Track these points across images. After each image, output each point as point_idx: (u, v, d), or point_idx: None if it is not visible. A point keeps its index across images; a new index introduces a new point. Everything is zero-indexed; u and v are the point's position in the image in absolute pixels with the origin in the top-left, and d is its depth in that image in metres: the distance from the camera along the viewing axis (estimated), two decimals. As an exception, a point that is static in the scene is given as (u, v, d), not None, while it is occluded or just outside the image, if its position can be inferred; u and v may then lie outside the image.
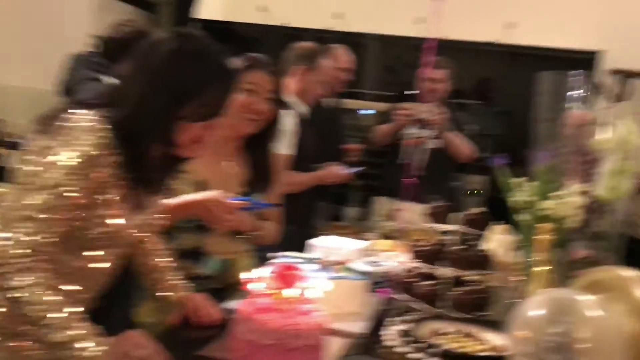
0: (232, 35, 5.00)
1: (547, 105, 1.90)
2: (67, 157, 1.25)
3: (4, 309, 1.34)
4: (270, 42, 4.86)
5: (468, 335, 1.59)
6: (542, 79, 1.85)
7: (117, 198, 1.36)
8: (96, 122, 1.30)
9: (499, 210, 1.83)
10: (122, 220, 1.39)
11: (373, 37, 4.83)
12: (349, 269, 1.82)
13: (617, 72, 4.12)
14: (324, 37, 4.43)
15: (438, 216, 1.89)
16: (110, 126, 1.30)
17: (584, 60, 4.20)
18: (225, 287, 1.86)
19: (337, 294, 1.66)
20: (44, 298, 1.21)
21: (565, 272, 1.66)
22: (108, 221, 1.36)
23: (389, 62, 4.97)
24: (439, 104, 3.48)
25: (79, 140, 1.27)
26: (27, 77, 3.39)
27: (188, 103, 1.33)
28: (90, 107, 1.34)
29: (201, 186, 1.83)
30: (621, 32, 4.17)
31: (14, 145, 2.97)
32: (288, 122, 2.74)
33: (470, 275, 1.72)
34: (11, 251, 1.21)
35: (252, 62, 1.95)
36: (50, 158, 1.25)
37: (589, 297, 1.38)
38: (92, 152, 1.27)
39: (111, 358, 1.24)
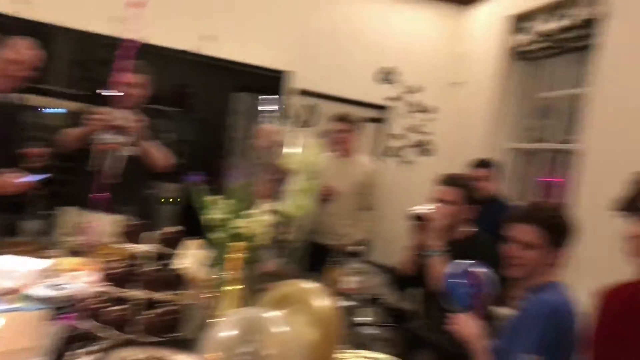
0: None
1: (241, 123, 1.97)
2: None
3: None
4: None
5: (159, 359, 1.54)
6: (237, 99, 1.90)
7: None
8: None
9: (193, 221, 1.81)
10: None
11: (63, 30, 4.42)
12: (24, 297, 1.60)
13: (305, 93, 4.51)
14: (5, 24, 3.90)
15: (131, 235, 1.79)
16: None
17: (275, 78, 4.51)
18: None
19: (9, 329, 1.45)
20: None
21: (255, 287, 1.72)
22: None
23: (80, 57, 4.61)
24: (136, 110, 3.35)
25: None
26: None
27: None
28: None
29: None
30: (309, 54, 4.59)
31: None
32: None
33: (163, 296, 1.66)
34: None
35: None
36: None
37: (275, 314, 1.46)
38: None
39: None
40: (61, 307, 1.81)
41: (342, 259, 2.45)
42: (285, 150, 1.97)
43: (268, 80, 4.48)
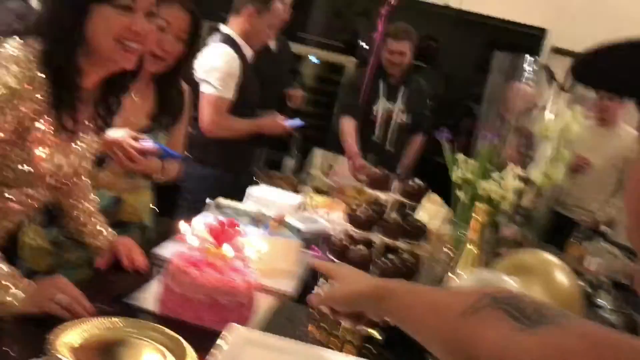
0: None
1: (495, 82, 1.92)
2: None
3: None
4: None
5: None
6: (496, 58, 1.86)
7: (42, 135, 1.29)
8: (17, 52, 1.22)
9: (439, 177, 1.85)
10: (44, 160, 1.32)
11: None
12: (283, 226, 1.81)
13: (565, 53, 4.20)
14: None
15: (378, 183, 1.89)
16: (35, 55, 1.23)
17: (532, 36, 4.26)
18: (114, 224, 1.80)
19: (271, 251, 1.65)
20: None
21: (493, 251, 1.72)
22: (35, 153, 1.30)
23: (340, 9, 4.86)
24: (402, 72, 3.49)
25: (1, 71, 1.19)
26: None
27: None
28: (9, 35, 1.25)
29: None
30: (571, 10, 4.24)
31: None
32: (232, 64, 2.64)
33: (403, 244, 1.74)
34: None
35: None
36: None
37: (512, 279, 1.44)
38: (13, 86, 1.19)
39: (32, 303, 1.19)
40: (310, 239, 2.02)
41: (587, 235, 2.30)
42: (539, 114, 1.89)
43: (525, 38, 4.25)
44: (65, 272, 1.58)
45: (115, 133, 1.70)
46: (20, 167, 1.30)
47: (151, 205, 2.02)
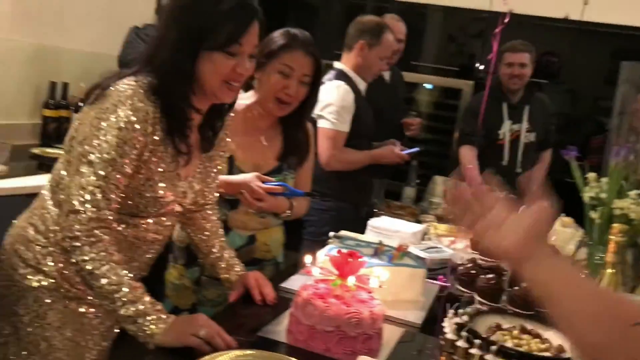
0: (292, 3, 4.94)
1: (628, 95, 1.81)
2: (109, 127, 1.30)
3: (66, 272, 1.41)
4: (331, 11, 4.78)
5: (527, 332, 1.55)
6: (624, 68, 1.75)
7: (163, 165, 1.40)
8: (133, 89, 1.33)
9: (567, 198, 1.76)
10: (167, 188, 1.43)
11: (436, 7, 4.68)
12: (406, 256, 1.80)
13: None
14: (385, 7, 4.34)
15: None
16: (147, 90, 1.34)
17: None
18: (248, 262, 1.86)
19: (395, 281, 1.65)
20: (117, 272, 1.27)
21: (634, 274, 1.60)
22: (158, 182, 1.41)
23: (451, 33, 4.82)
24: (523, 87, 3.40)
25: (119, 110, 1.31)
26: (91, 42, 3.44)
27: (206, 35, 1.35)
28: (128, 75, 1.37)
29: (230, 160, 1.86)
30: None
31: (77, 109, 3.03)
32: (346, 98, 2.70)
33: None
34: (78, 226, 1.26)
35: (290, 40, 1.86)
36: (95, 128, 1.30)
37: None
38: (132, 119, 1.31)
39: (175, 336, 1.27)
40: (435, 268, 1.99)
41: None
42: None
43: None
44: (205, 310, 1.68)
45: (243, 176, 1.80)
46: (147, 195, 1.41)
47: (283, 242, 2.10)
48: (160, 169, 1.41)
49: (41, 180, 1.54)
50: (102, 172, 1.29)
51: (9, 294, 1.47)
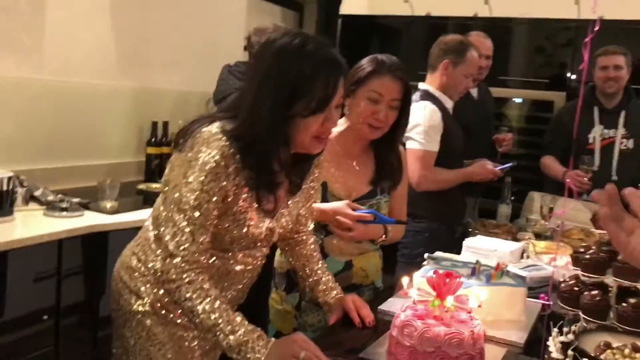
0: (376, 28, 5.01)
1: None
2: (196, 173, 1.36)
3: (165, 299, 1.50)
4: (414, 33, 4.80)
5: (638, 350, 1.48)
6: None
7: (249, 203, 1.45)
8: (219, 135, 1.38)
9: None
10: (255, 227, 1.48)
11: (520, 21, 4.59)
12: (505, 274, 1.77)
13: None
14: (468, 25, 4.30)
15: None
16: (232, 137, 1.38)
17: None
18: (347, 287, 1.89)
19: (495, 301, 1.63)
20: (214, 306, 1.34)
21: None
22: (246, 220, 1.46)
23: (539, 43, 4.69)
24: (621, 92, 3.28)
25: (203, 153, 1.36)
26: (186, 81, 3.65)
27: (297, 100, 1.37)
28: (215, 120, 1.43)
29: (324, 187, 1.90)
30: None
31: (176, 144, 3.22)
32: (434, 117, 2.70)
33: (637, 285, 1.60)
34: (174, 270, 1.35)
35: (377, 66, 1.88)
36: (183, 175, 1.37)
37: None
38: (218, 159, 1.36)
39: (276, 358, 1.31)
40: (535, 287, 1.94)
41: None
42: None
43: None
44: (305, 335, 1.73)
45: (335, 204, 1.85)
46: (235, 232, 1.47)
47: (381, 267, 2.12)
48: (247, 211, 1.46)
49: (147, 214, 1.65)
50: (191, 218, 1.36)
51: (117, 317, 1.60)
